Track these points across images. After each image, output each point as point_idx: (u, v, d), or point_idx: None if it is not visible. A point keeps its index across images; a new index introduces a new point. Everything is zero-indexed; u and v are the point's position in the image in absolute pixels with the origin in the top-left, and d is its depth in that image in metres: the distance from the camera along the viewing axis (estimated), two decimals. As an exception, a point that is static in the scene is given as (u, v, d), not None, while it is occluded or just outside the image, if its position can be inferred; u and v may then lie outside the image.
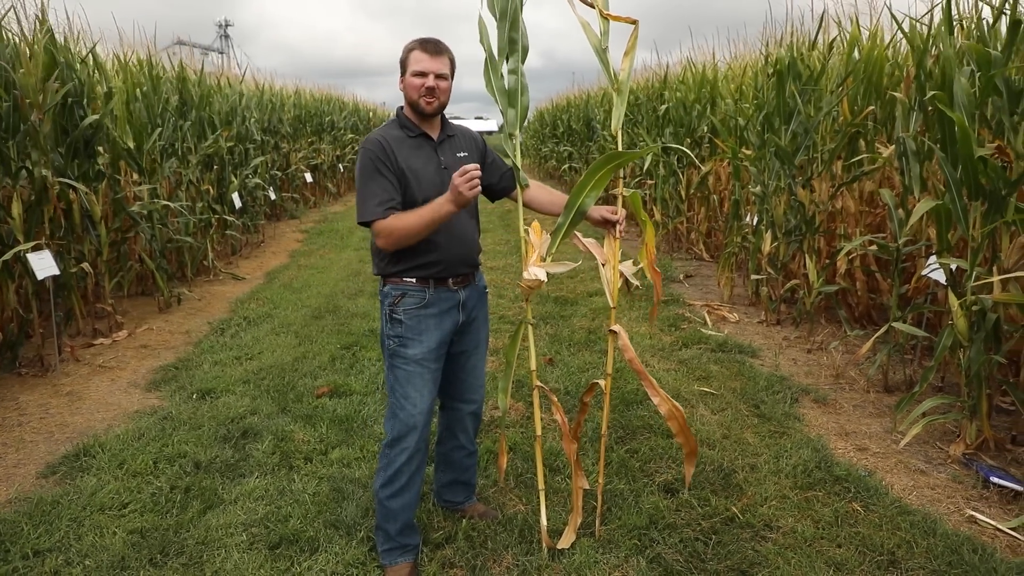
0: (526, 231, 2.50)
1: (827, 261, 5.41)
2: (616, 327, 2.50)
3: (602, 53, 2.46)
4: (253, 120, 9.44)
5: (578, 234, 2.55)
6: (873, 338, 4.18)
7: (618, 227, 2.48)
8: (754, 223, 5.95)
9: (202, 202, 7.58)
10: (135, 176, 6.46)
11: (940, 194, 3.98)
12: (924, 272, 4.05)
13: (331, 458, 3.42)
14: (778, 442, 3.52)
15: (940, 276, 3.80)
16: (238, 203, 8.38)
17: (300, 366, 4.72)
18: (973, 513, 2.91)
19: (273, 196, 10.36)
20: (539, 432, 2.62)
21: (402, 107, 2.52)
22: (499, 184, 2.69)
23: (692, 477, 3.14)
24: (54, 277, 4.71)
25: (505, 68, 2.54)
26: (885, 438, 3.64)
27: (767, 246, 5.62)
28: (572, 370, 4.55)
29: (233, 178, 8.56)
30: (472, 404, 2.74)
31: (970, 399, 3.43)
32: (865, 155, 4.95)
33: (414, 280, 2.45)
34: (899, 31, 4.53)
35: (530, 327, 2.58)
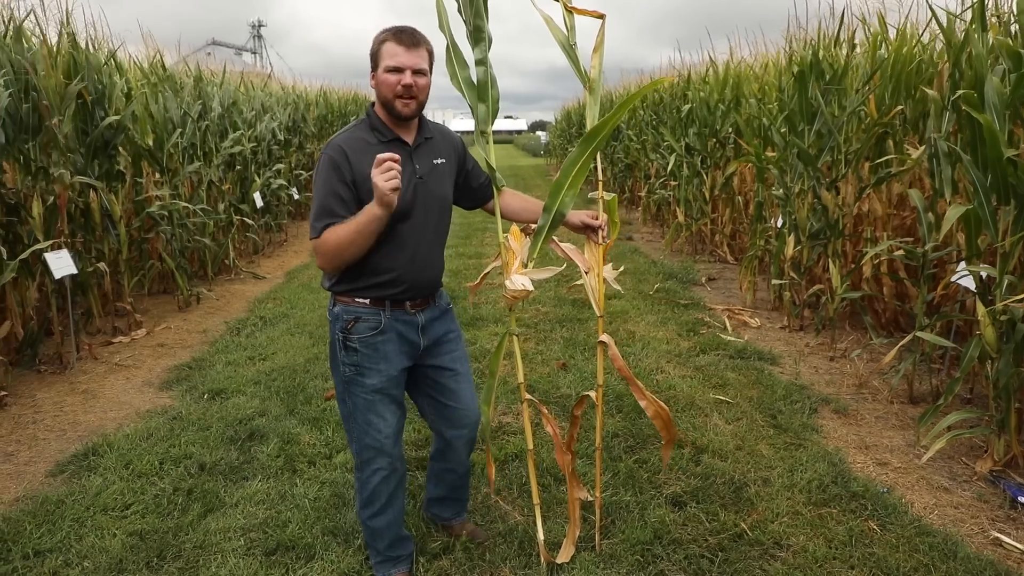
0: (505, 237, 2.37)
1: (852, 265, 5.25)
2: (604, 337, 2.40)
3: (570, 50, 2.32)
4: (277, 121, 9.48)
5: (555, 239, 2.42)
6: (898, 346, 4.03)
7: (600, 232, 2.33)
8: (779, 225, 5.79)
9: (224, 202, 7.63)
10: (157, 176, 6.51)
11: (972, 197, 3.82)
12: (953, 279, 3.89)
13: (335, 462, 3.38)
14: (793, 455, 3.40)
15: (970, 283, 3.65)
16: (260, 203, 8.42)
17: (312, 367, 4.70)
18: (999, 535, 2.77)
19: (296, 195, 10.41)
20: (531, 446, 2.53)
21: (373, 104, 2.24)
22: (477, 192, 2.51)
23: (701, 490, 3.07)
24: (72, 276, 4.75)
25: (471, 59, 2.32)
26: (907, 452, 3.49)
27: (790, 250, 5.47)
28: (586, 375, 4.46)
29: (256, 178, 8.61)
30: (463, 431, 2.50)
31: (998, 413, 3.28)
32: (894, 156, 4.79)
33: (367, 302, 2.22)
34: (936, 26, 4.36)
35: (515, 338, 2.44)
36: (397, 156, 1.96)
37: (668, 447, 2.52)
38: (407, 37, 2.14)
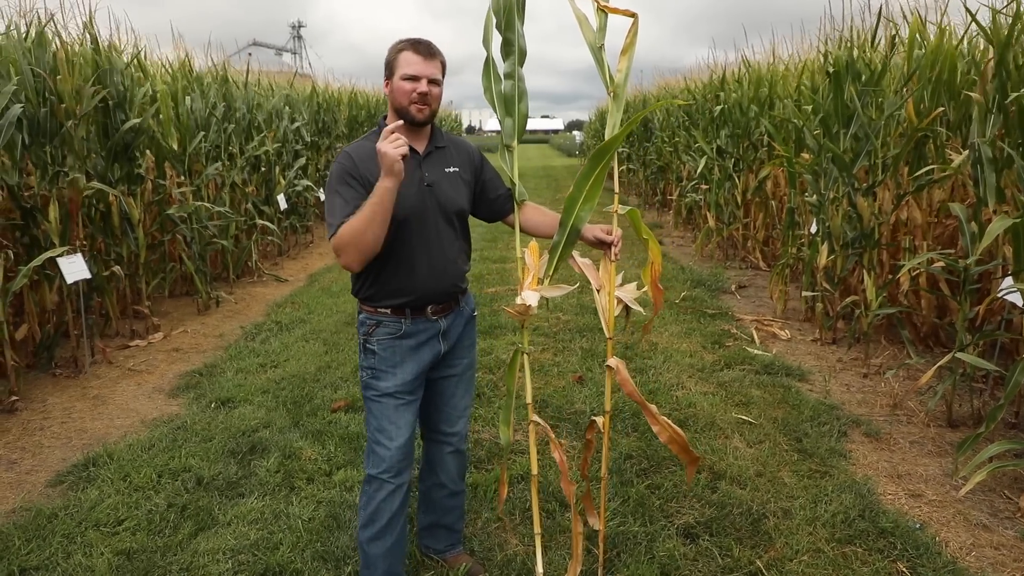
0: (523, 252, 2.27)
1: (889, 276, 4.97)
2: (612, 361, 2.23)
3: (597, 52, 2.19)
4: (302, 121, 9.46)
5: (574, 254, 2.30)
6: (936, 365, 3.76)
7: (613, 249, 2.21)
8: (812, 232, 5.53)
9: (246, 204, 7.60)
10: (179, 178, 6.50)
11: (1021, 205, 3.55)
12: (998, 294, 3.62)
13: (334, 480, 3.26)
14: (818, 483, 3.17)
15: (1017, 299, 3.38)
16: (284, 204, 8.39)
17: (322, 376, 4.60)
18: (1043, 581, 2.52)
19: (323, 197, 10.38)
20: (535, 471, 2.38)
21: (385, 116, 2.30)
22: (494, 204, 2.44)
23: (716, 521, 2.88)
24: (87, 280, 4.73)
25: (502, 71, 2.29)
26: (944, 483, 3.24)
27: (823, 259, 5.20)
28: (603, 390, 4.24)
29: (281, 179, 8.60)
30: (451, 438, 2.48)
31: (1045, 444, 3.01)
32: (934, 164, 4.51)
33: (388, 311, 2.25)
34: (973, 24, 4.08)
35: (526, 357, 2.33)
36: (400, 125, 2.03)
37: (692, 467, 2.36)
38: (424, 48, 2.19)
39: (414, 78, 2.16)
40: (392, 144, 1.96)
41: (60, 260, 4.48)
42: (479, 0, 2.30)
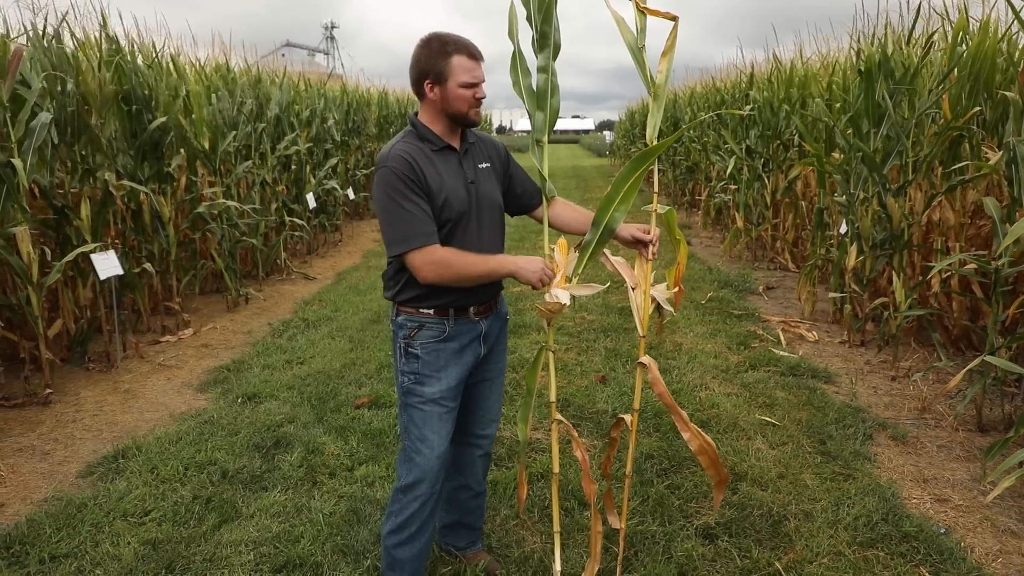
0: (551, 249, 2.27)
1: (920, 278, 4.87)
2: (645, 359, 2.22)
3: (638, 53, 2.18)
4: (333, 121, 9.56)
5: (606, 252, 2.29)
6: (966, 368, 3.68)
7: (651, 248, 2.19)
8: (842, 233, 5.44)
9: (276, 202, 7.72)
10: (210, 177, 6.62)
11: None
12: (1031, 296, 3.54)
13: (356, 475, 3.30)
14: (841, 486, 3.13)
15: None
16: (312, 203, 8.50)
17: (347, 373, 4.65)
18: (1072, 590, 2.46)
19: (352, 196, 10.49)
20: (556, 469, 2.38)
21: (416, 113, 2.24)
22: (521, 198, 2.44)
23: (736, 522, 2.86)
24: (120, 277, 4.84)
25: (533, 65, 2.26)
26: (971, 488, 3.17)
27: (852, 260, 5.12)
28: (625, 390, 4.26)
29: (311, 179, 8.70)
30: (482, 441, 2.48)
31: (1078, 450, 2.93)
32: (968, 162, 4.41)
33: (432, 312, 2.21)
34: (1013, 21, 3.98)
35: (551, 354, 2.32)
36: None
37: (720, 489, 2.31)
38: (476, 51, 2.18)
39: (473, 84, 2.13)
40: (542, 279, 2.09)
41: (94, 256, 4.60)
42: (509, 2, 2.29)
